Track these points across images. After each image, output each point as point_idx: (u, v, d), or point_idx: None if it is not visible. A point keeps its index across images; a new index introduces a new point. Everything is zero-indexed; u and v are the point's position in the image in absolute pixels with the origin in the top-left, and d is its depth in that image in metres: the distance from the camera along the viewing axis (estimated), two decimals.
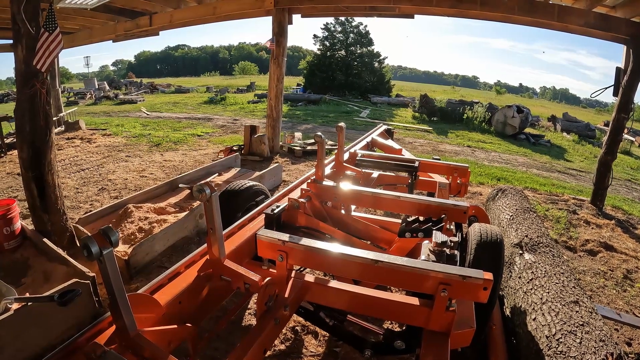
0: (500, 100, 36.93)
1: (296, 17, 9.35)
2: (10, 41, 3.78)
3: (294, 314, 2.34)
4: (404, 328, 2.16)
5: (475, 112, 17.82)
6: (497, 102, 25.69)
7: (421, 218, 2.87)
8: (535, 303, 2.75)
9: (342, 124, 3.76)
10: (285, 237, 2.15)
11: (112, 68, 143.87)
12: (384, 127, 6.91)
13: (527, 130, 16.94)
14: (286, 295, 2.08)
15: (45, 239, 3.23)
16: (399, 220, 3.03)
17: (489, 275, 1.76)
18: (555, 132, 19.28)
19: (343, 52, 36.70)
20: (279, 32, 8.86)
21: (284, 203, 2.97)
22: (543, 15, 6.75)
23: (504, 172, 8.95)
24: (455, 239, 2.24)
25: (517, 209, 4.42)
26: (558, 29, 7.35)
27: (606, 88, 6.55)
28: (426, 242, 2.34)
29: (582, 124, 19.77)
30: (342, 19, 35.72)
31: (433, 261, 2.04)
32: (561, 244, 5.02)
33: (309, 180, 3.39)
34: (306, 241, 2.13)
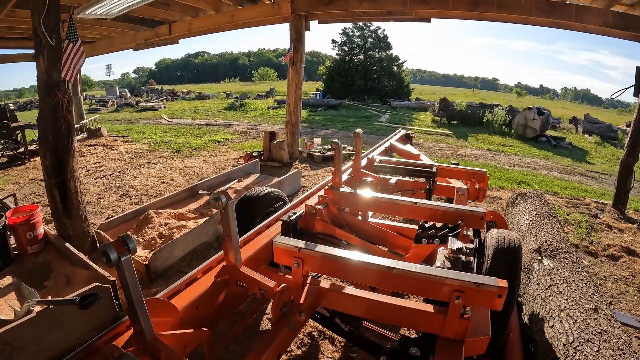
0: (520, 102, 36.47)
1: (313, 23, 9.41)
2: (33, 51, 3.88)
3: (312, 320, 2.36)
4: (419, 335, 2.16)
5: (495, 115, 17.64)
6: (517, 104, 25.34)
7: (438, 224, 2.86)
8: (554, 310, 2.72)
9: (359, 130, 3.77)
10: (301, 243, 2.18)
11: (133, 75, 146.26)
12: (403, 132, 6.89)
13: (548, 132, 16.70)
14: (301, 301, 2.10)
15: (67, 244, 3.30)
16: (416, 227, 3.03)
17: (503, 283, 1.75)
18: (576, 134, 18.96)
19: (362, 56, 36.63)
20: (297, 39, 8.91)
21: (301, 210, 2.99)
22: (561, 15, 6.67)
23: (524, 176, 8.84)
24: (471, 245, 2.23)
25: (536, 214, 4.37)
26: (577, 30, 7.27)
27: (627, 88, 6.41)
28: (442, 248, 2.34)
29: (604, 125, 19.41)
30: (360, 23, 35.67)
31: (448, 268, 2.04)
32: (582, 249, 4.94)
33: (326, 187, 3.41)
34: (321, 248, 2.14)
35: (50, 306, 2.06)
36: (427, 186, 4.32)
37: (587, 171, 10.74)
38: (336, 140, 3.24)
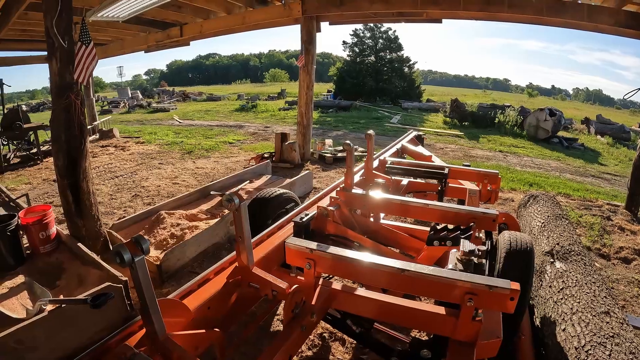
0: (532, 103, 36.23)
1: (324, 25, 9.42)
2: (45, 53, 3.94)
3: (322, 321, 2.37)
4: (430, 337, 2.15)
5: (506, 116, 17.50)
6: (529, 105, 25.11)
7: (450, 226, 2.85)
8: (565, 313, 2.69)
9: (371, 131, 3.77)
10: (312, 245, 2.18)
11: (144, 77, 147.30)
12: (414, 133, 6.88)
13: (560, 133, 16.53)
14: (313, 303, 2.11)
15: (79, 244, 3.32)
16: (428, 228, 3.02)
17: (516, 285, 1.73)
18: (589, 134, 18.77)
19: (373, 57, 36.68)
20: (308, 40, 8.92)
21: (313, 211, 3.00)
22: (572, 15, 6.61)
23: (536, 178, 8.78)
24: (483, 247, 2.22)
25: (548, 216, 4.33)
26: (589, 29, 7.21)
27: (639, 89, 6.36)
28: (454, 250, 2.33)
29: (617, 126, 19.18)
30: (371, 24, 35.68)
31: (460, 270, 2.03)
32: (594, 252, 4.89)
33: (338, 189, 3.41)
34: (333, 249, 2.15)
35: (62, 305, 2.07)
36: (439, 188, 4.31)
37: (599, 173, 10.63)
38: (348, 141, 3.25)
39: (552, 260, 3.42)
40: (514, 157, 11.62)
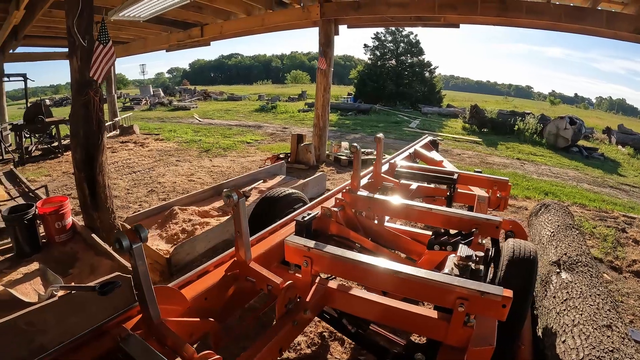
0: (554, 111, 35.64)
1: (342, 28, 9.49)
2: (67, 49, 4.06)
3: (324, 321, 2.40)
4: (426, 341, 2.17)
5: (526, 124, 17.30)
6: (550, 113, 24.75)
7: (452, 231, 2.86)
8: (567, 325, 2.67)
9: (380, 135, 3.79)
10: (310, 243, 2.22)
11: (167, 75, 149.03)
12: (429, 138, 6.86)
13: (580, 142, 16.27)
14: (308, 300, 2.15)
15: (93, 235, 3.42)
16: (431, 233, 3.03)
17: (508, 293, 1.74)
18: (609, 144, 18.42)
19: (394, 61, 36.52)
20: (326, 43, 8.98)
21: (316, 211, 3.03)
22: (591, 22, 6.50)
23: (552, 187, 8.67)
24: (481, 253, 2.23)
25: (558, 225, 4.29)
26: (608, 36, 7.09)
27: None
28: (452, 255, 2.34)
29: (638, 136, 18.77)
30: (392, 28, 35.60)
31: (456, 275, 2.04)
32: (606, 264, 4.82)
33: (344, 190, 3.44)
34: (330, 249, 2.18)
35: (72, 292, 2.15)
36: (448, 193, 4.30)
37: (618, 183, 10.45)
38: (355, 144, 3.28)
39: (558, 270, 3.40)
40: (531, 165, 11.49)
